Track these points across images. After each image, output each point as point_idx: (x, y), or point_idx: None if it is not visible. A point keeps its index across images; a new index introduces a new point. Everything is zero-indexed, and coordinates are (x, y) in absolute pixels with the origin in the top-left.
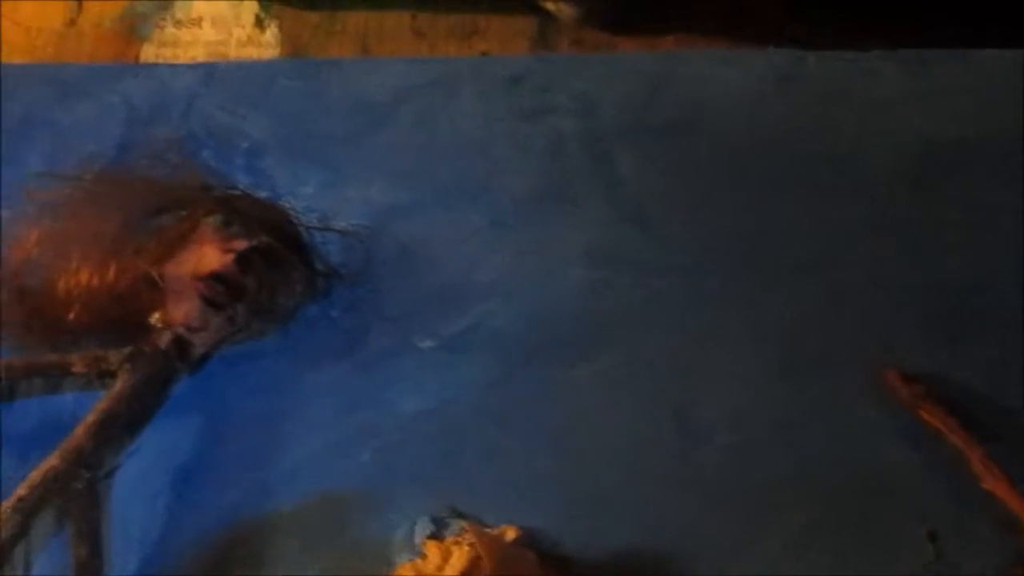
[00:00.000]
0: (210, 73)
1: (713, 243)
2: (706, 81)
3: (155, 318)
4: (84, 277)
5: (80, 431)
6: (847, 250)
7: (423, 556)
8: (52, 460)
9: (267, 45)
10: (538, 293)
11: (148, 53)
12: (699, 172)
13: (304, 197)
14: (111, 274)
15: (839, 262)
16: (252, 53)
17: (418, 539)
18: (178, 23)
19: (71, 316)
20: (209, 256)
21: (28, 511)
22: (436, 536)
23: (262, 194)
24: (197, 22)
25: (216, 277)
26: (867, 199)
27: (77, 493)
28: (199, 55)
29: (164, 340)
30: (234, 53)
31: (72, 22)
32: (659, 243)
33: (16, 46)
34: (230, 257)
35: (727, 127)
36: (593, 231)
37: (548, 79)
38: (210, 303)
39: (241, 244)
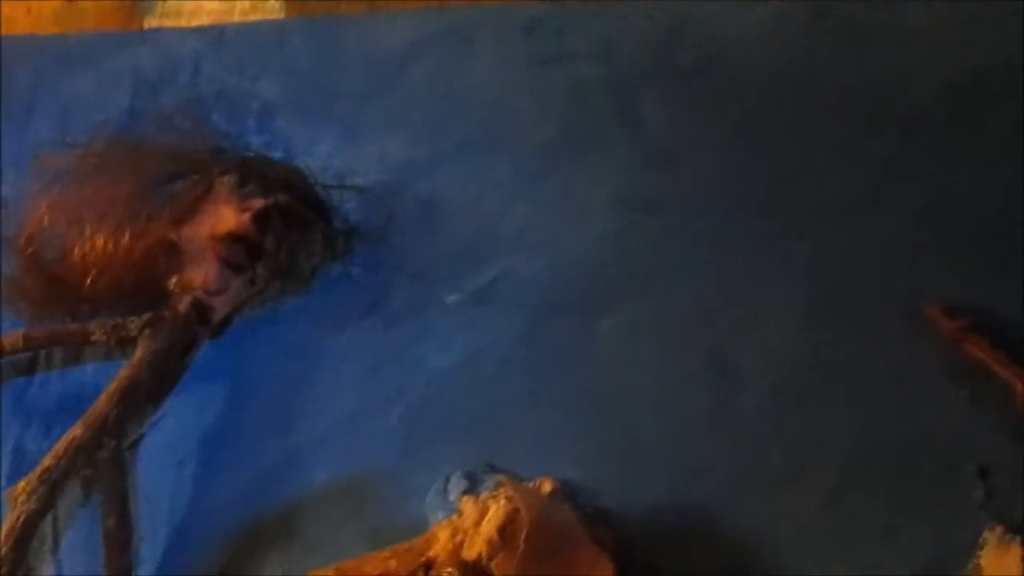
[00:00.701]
0: (217, 36)
1: (743, 184)
2: (728, 20)
3: (173, 283)
4: (99, 244)
5: (103, 400)
6: (880, 187)
7: (459, 513)
8: (76, 430)
9: (272, 11)
10: (565, 242)
11: (151, 25)
12: (725, 113)
13: (319, 156)
14: (127, 240)
15: (872, 199)
16: (257, 19)
17: (453, 496)
18: None
19: (88, 283)
20: (226, 217)
21: (54, 482)
22: (471, 492)
23: (276, 155)
24: None
25: (234, 237)
26: (900, 135)
27: (103, 463)
28: (203, 24)
29: (183, 305)
30: (238, 21)
31: None
32: (687, 187)
33: (16, 22)
34: (247, 216)
35: (752, 66)
36: (619, 177)
37: (565, 25)
38: (229, 265)
39: (258, 203)
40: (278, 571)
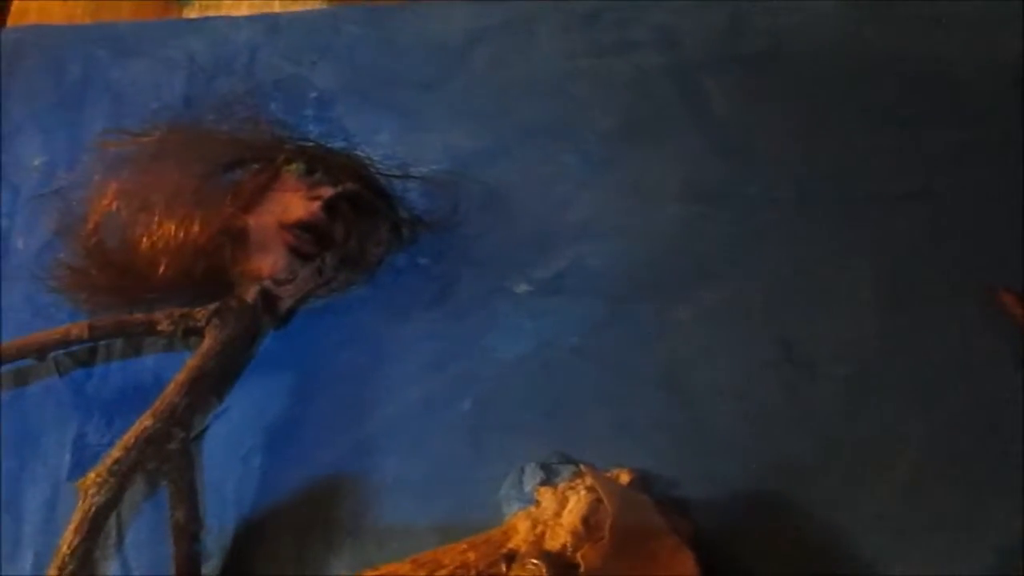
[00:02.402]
0: (272, 24)
1: (812, 172)
2: (791, 7)
3: (239, 272)
4: (169, 231)
5: (172, 390)
6: (951, 173)
7: (537, 503)
8: (145, 420)
9: (311, 3)
10: (634, 231)
11: (190, 16)
12: (793, 101)
13: (380, 145)
14: (197, 227)
15: (943, 185)
16: (298, 10)
17: (528, 487)
18: None
19: (160, 272)
20: (295, 205)
21: (124, 473)
22: (547, 482)
23: (336, 144)
24: None
25: (303, 226)
26: (969, 121)
27: (172, 454)
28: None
29: (251, 294)
30: (279, 11)
31: None
32: (757, 175)
33: (52, 13)
34: (317, 205)
35: (816, 54)
36: (687, 166)
37: (626, 14)
38: (297, 253)
39: (327, 191)
40: (350, 564)
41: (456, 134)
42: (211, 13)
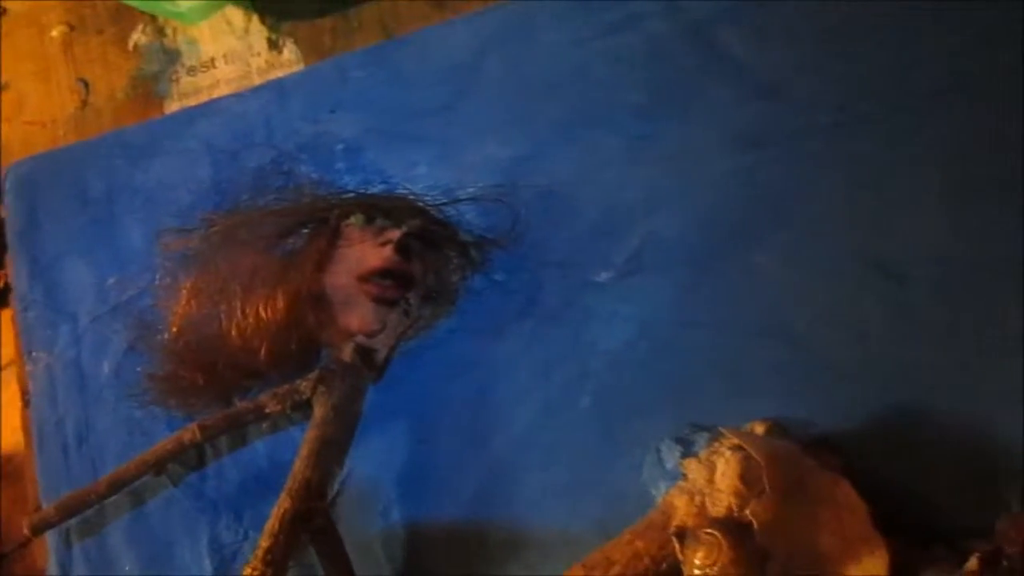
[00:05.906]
0: (278, 90)
1: (848, 90)
2: None
3: (328, 334)
4: (256, 314)
5: (300, 466)
6: (981, 61)
7: (685, 477)
8: (283, 503)
9: (289, 64)
10: (696, 193)
11: (172, 108)
12: (813, 29)
13: (420, 178)
14: (281, 303)
15: (975, 73)
16: (276, 75)
17: (669, 464)
18: (191, 71)
19: (260, 356)
20: (368, 255)
21: (278, 561)
22: (687, 454)
23: (377, 188)
24: (210, 64)
25: (382, 273)
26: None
27: (317, 529)
28: (224, 94)
29: (347, 353)
30: (258, 81)
31: (84, 103)
32: (795, 108)
33: (35, 144)
34: (389, 249)
35: None
36: (728, 117)
37: None
38: (382, 301)
39: (394, 234)
40: None
41: (492, 148)
42: (191, 100)
